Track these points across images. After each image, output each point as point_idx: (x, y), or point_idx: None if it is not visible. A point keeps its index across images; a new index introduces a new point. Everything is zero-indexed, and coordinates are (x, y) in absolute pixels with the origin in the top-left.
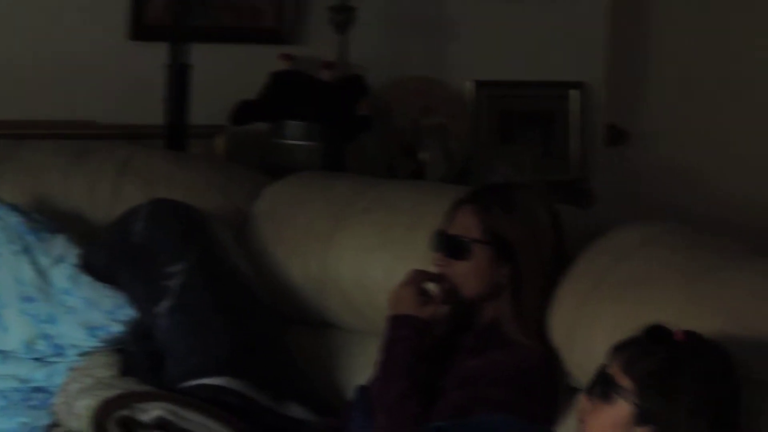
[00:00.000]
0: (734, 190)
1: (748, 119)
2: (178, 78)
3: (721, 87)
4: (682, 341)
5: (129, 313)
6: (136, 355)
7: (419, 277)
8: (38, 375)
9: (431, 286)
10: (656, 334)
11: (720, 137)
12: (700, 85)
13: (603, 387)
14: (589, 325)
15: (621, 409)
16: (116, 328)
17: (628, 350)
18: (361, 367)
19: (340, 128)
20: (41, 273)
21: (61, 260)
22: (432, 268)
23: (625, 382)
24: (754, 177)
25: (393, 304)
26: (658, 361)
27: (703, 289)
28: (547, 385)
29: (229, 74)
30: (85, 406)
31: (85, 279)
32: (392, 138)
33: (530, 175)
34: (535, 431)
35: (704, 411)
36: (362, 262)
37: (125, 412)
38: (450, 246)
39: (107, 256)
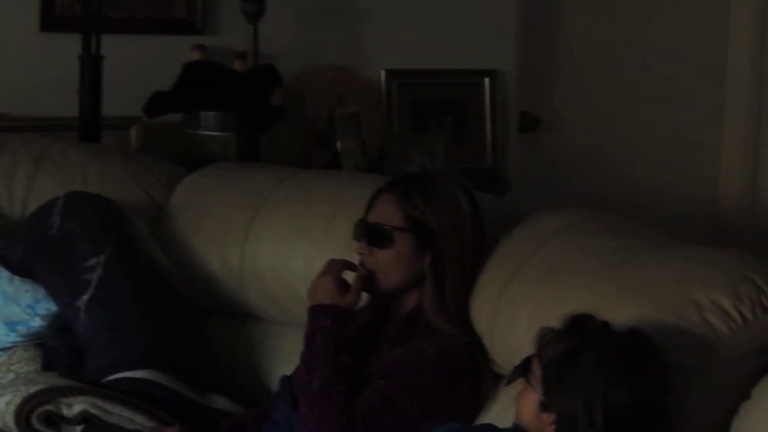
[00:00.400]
0: (644, 175)
1: (657, 104)
2: (91, 69)
3: (630, 73)
4: (594, 332)
5: (49, 307)
6: (57, 349)
7: (336, 266)
8: None
9: (349, 275)
10: (575, 323)
11: (630, 122)
12: (610, 71)
13: (524, 372)
14: (510, 312)
15: (534, 394)
16: (36, 323)
17: (546, 337)
18: (282, 357)
19: (255, 118)
20: None
21: None
22: (354, 258)
23: (536, 368)
24: (661, 162)
25: (312, 295)
26: (563, 349)
27: (624, 274)
28: (471, 373)
29: (141, 65)
30: (6, 402)
31: (4, 274)
32: (306, 128)
33: (444, 163)
34: None
35: (601, 405)
36: (281, 252)
37: (49, 407)
38: (371, 234)
39: (25, 250)
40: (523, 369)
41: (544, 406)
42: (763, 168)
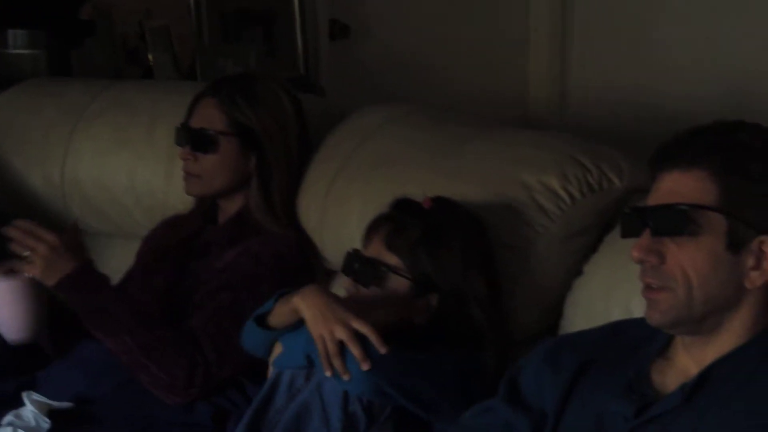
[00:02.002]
0: (454, 78)
1: (464, 5)
2: None
3: None
4: (432, 207)
5: None
6: None
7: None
8: None
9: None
10: (405, 207)
11: (438, 25)
12: None
13: (369, 270)
14: (339, 208)
15: (395, 287)
16: None
17: (384, 228)
18: (110, 269)
19: (64, 34)
20: None
21: None
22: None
23: (392, 259)
24: (471, 63)
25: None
26: (417, 230)
27: (452, 163)
28: (305, 271)
29: None
30: None
31: None
32: (117, 43)
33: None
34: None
35: (474, 262)
36: (102, 164)
37: None
38: (195, 139)
39: None
40: (372, 266)
41: (421, 289)
42: (570, 66)
